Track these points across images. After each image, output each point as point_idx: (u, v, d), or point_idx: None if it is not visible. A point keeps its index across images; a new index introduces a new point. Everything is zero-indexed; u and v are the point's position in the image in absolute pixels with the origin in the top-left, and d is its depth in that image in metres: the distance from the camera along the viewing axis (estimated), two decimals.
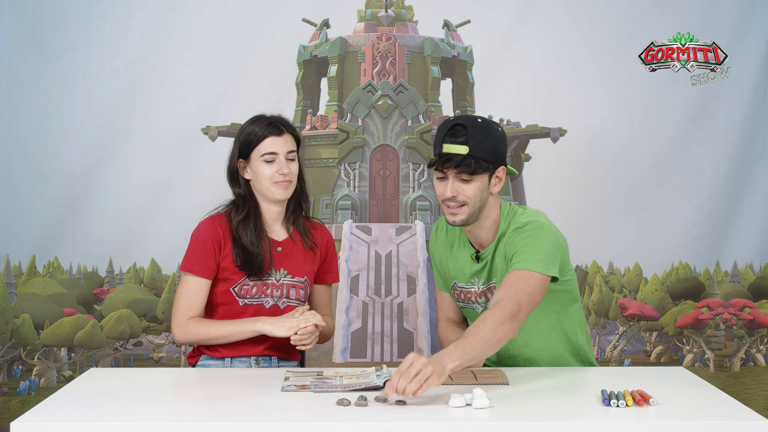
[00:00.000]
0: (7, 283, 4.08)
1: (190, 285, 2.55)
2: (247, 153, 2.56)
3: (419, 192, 4.41)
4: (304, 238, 2.64)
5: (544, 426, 1.93)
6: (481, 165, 2.36)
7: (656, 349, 4.35)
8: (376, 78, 4.46)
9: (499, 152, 2.41)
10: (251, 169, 2.57)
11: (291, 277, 2.59)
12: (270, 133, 2.54)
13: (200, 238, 2.56)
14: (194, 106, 4.15)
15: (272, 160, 2.53)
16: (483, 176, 2.39)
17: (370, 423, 1.92)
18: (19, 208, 4.08)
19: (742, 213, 4.29)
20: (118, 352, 4.18)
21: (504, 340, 2.23)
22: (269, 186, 2.54)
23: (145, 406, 2.05)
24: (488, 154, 2.38)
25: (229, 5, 4.15)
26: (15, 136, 4.07)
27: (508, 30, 4.27)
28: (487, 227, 2.48)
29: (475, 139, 2.36)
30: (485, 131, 2.39)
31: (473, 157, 2.35)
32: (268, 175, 2.53)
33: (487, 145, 2.37)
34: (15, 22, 4.06)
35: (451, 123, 2.40)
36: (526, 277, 2.32)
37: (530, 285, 2.31)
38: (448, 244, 2.60)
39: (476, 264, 2.51)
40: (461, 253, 2.56)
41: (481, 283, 2.51)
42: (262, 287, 2.57)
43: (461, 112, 4.49)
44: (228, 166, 2.62)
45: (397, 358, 4.20)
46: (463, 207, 2.40)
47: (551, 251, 2.38)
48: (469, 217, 2.41)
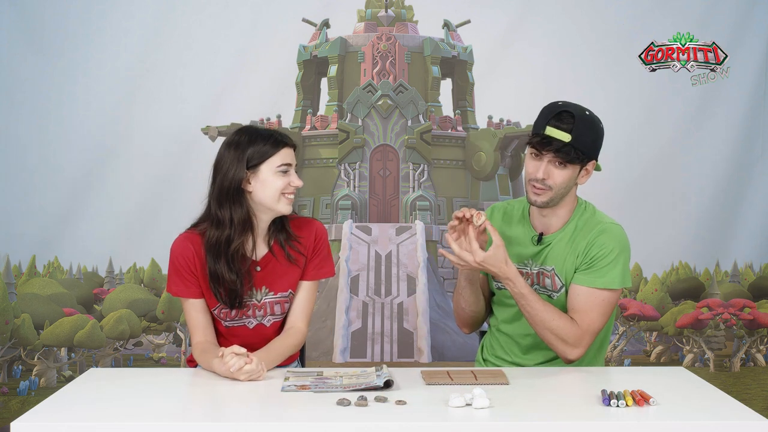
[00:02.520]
0: (7, 283, 4.08)
1: (187, 310, 2.48)
2: (257, 164, 2.40)
3: (419, 192, 4.41)
4: (286, 250, 2.49)
5: (544, 426, 1.93)
6: (578, 155, 2.42)
7: (656, 349, 4.35)
8: (376, 78, 4.46)
9: (596, 147, 2.49)
10: (257, 181, 2.40)
11: (273, 293, 2.49)
12: (284, 145, 2.43)
13: (174, 259, 2.45)
14: (194, 106, 4.15)
15: (287, 171, 2.42)
16: (575, 166, 2.44)
17: (370, 423, 1.92)
18: (19, 208, 4.08)
19: (742, 213, 4.29)
20: (118, 352, 4.18)
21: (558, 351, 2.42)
22: (278, 198, 2.40)
23: (144, 406, 2.05)
24: (587, 147, 2.44)
25: (229, 5, 4.15)
26: (15, 136, 4.08)
27: (508, 30, 4.27)
28: (560, 215, 2.52)
29: (580, 129, 2.41)
30: (590, 124, 2.46)
31: (574, 147, 2.40)
32: (280, 186, 2.39)
33: (588, 138, 2.44)
34: (15, 22, 4.06)
35: (560, 108, 2.45)
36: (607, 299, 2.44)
37: (611, 305, 2.45)
38: (506, 223, 2.61)
39: (535, 247, 2.52)
40: (520, 234, 2.57)
41: (535, 266, 2.52)
42: (243, 310, 2.47)
43: (461, 112, 4.49)
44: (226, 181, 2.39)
45: (397, 358, 4.20)
46: (549, 191, 2.44)
47: (627, 262, 2.49)
48: (550, 201, 2.45)
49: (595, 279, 2.43)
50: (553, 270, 2.50)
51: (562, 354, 2.42)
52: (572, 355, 2.41)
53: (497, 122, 4.45)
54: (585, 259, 2.46)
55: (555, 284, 2.50)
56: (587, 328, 2.41)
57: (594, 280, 2.43)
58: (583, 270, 2.45)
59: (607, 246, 2.45)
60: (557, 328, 2.39)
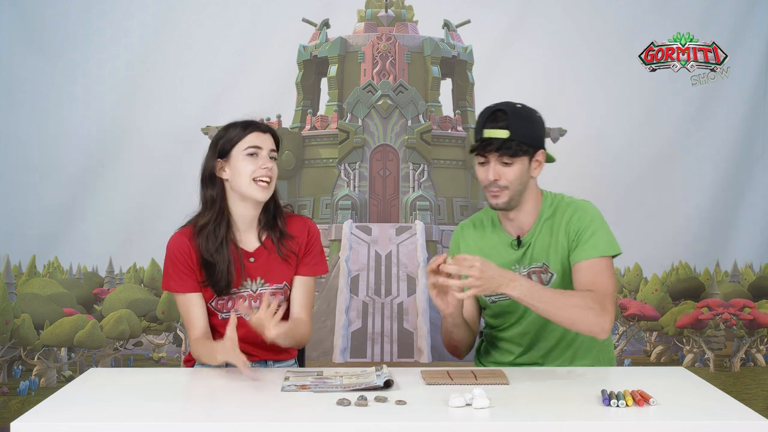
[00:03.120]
0: (7, 283, 4.08)
1: (182, 305, 2.51)
2: (228, 150, 2.48)
3: (419, 192, 4.41)
4: (279, 246, 2.53)
5: (544, 426, 1.93)
6: (522, 148, 2.43)
7: (656, 349, 4.35)
8: (376, 78, 4.46)
9: (538, 136, 2.49)
10: (230, 168, 2.47)
11: (269, 285, 2.52)
12: (253, 129, 2.49)
13: (171, 254, 2.50)
14: (194, 106, 4.15)
15: (255, 154, 2.46)
16: (523, 159, 2.45)
17: (370, 423, 1.92)
18: (19, 208, 4.08)
19: (742, 213, 4.29)
20: (118, 352, 4.18)
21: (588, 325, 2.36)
22: (249, 183, 2.44)
23: (144, 406, 2.05)
24: (528, 138, 2.44)
25: (229, 5, 4.15)
26: (15, 136, 4.08)
27: (508, 30, 4.27)
28: (528, 211, 2.52)
29: (515, 123, 2.43)
30: (525, 116, 2.47)
31: (514, 141, 2.41)
32: (250, 170, 2.44)
33: (526, 130, 2.45)
34: (15, 22, 4.06)
35: (492, 109, 2.47)
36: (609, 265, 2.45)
37: (612, 270, 2.46)
38: (479, 237, 2.60)
39: (516, 251, 2.52)
40: (496, 243, 2.56)
41: (523, 268, 2.52)
42: (238, 300, 2.50)
43: (461, 112, 4.49)
44: (203, 168, 2.52)
45: (397, 358, 4.20)
46: (505, 190, 2.45)
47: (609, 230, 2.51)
48: (511, 200, 2.46)
49: (588, 250, 2.44)
50: (544, 265, 2.50)
51: (595, 325, 2.35)
52: (605, 321, 2.35)
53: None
54: (570, 239, 2.48)
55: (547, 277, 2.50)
56: (605, 292, 2.39)
57: (587, 252, 2.44)
58: (574, 249, 2.46)
59: (583, 219, 2.48)
60: (579, 302, 2.34)
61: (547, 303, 2.32)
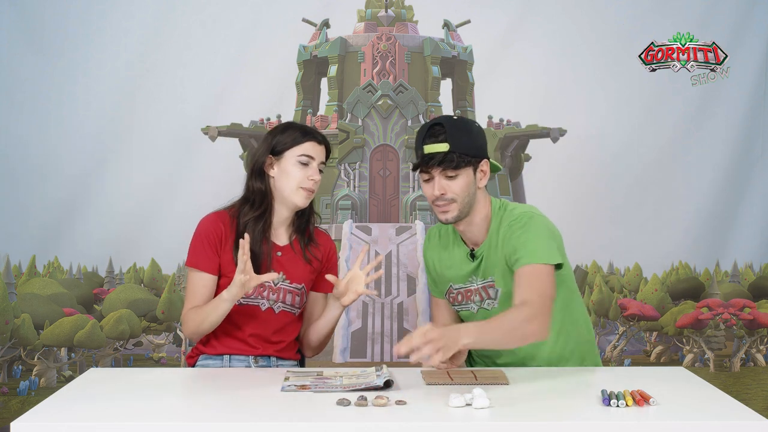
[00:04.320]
0: (7, 283, 4.08)
1: (193, 281, 2.54)
2: (281, 151, 2.53)
3: (419, 192, 4.41)
4: (305, 250, 2.61)
5: (544, 426, 1.93)
6: (464, 159, 2.41)
7: (656, 349, 4.35)
8: (376, 78, 4.46)
9: (479, 146, 2.47)
10: (279, 168, 2.53)
11: (289, 282, 2.58)
12: (312, 138, 2.55)
13: (203, 233, 2.54)
14: (194, 106, 4.15)
15: (307, 163, 2.52)
16: (467, 170, 2.44)
17: (370, 423, 1.92)
18: (19, 208, 4.08)
19: (742, 213, 4.29)
20: (118, 352, 4.19)
21: (531, 337, 2.30)
22: (295, 189, 2.52)
23: (144, 406, 2.05)
24: (469, 149, 2.42)
25: (229, 5, 4.15)
26: (15, 136, 4.08)
27: (508, 30, 4.27)
28: (478, 223, 2.51)
29: (454, 135, 2.41)
30: (463, 127, 2.45)
31: (455, 153, 2.40)
32: (299, 177, 2.51)
33: (466, 140, 2.43)
34: (15, 22, 4.06)
35: (429, 124, 2.46)
36: (537, 272, 2.36)
37: (542, 279, 2.35)
38: (442, 247, 2.61)
39: (471, 263, 2.52)
40: (456, 253, 2.57)
41: (479, 280, 2.52)
42: (259, 288, 2.54)
43: (461, 112, 4.49)
44: (254, 160, 2.57)
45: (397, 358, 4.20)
46: (453, 204, 2.44)
47: (549, 238, 2.43)
48: (460, 213, 2.45)
49: (524, 258, 2.38)
50: (492, 280, 2.50)
51: (531, 334, 2.29)
52: (542, 325, 2.29)
53: (497, 122, 4.45)
54: (509, 249, 2.44)
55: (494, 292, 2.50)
56: (539, 295, 2.32)
57: (523, 259, 2.38)
58: (512, 258, 2.42)
59: (513, 229, 2.43)
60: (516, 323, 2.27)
61: (494, 336, 2.26)
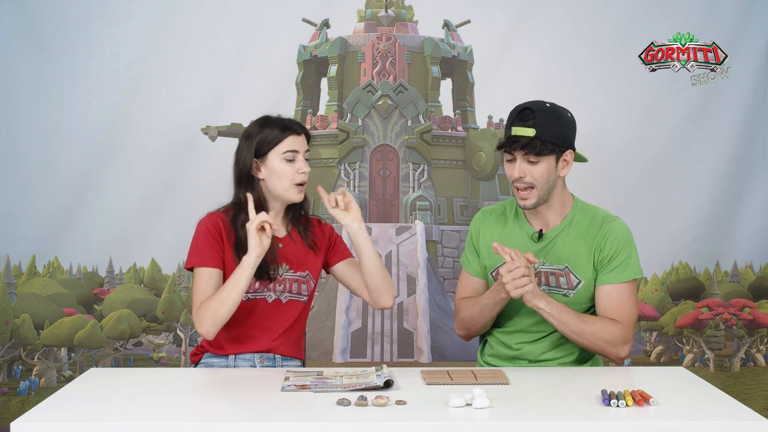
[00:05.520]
0: (7, 283, 4.08)
1: (201, 277, 2.51)
2: (265, 152, 2.53)
3: (419, 192, 4.41)
4: (304, 236, 2.64)
5: (544, 426, 1.93)
6: (547, 147, 2.44)
7: (656, 349, 4.35)
8: (376, 78, 4.46)
9: (565, 136, 2.50)
10: (267, 169, 2.54)
11: (293, 271, 2.59)
12: (291, 132, 2.56)
13: (204, 230, 2.54)
14: (194, 106, 4.15)
15: (293, 159, 2.54)
16: (549, 158, 2.46)
17: (370, 423, 1.92)
18: (19, 208, 4.08)
19: (742, 213, 4.29)
20: (118, 352, 4.18)
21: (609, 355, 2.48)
22: (288, 186, 2.53)
23: (145, 406, 2.05)
24: (555, 137, 2.46)
25: (229, 5, 4.15)
26: (15, 136, 4.08)
27: (508, 30, 4.27)
28: (555, 208, 2.55)
29: (542, 122, 2.44)
30: (553, 115, 2.48)
31: (539, 139, 2.42)
32: (289, 174, 2.53)
33: (554, 129, 2.46)
34: (15, 22, 4.06)
35: (521, 107, 2.49)
36: (634, 289, 2.54)
37: (636, 296, 2.55)
38: (500, 225, 2.62)
39: (536, 244, 2.53)
40: (516, 233, 2.58)
41: (540, 263, 2.53)
42: (264, 281, 2.55)
43: (461, 112, 4.49)
44: (238, 168, 2.55)
45: (397, 358, 4.20)
46: (532, 190, 2.47)
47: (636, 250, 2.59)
48: (539, 200, 2.49)
49: (620, 275, 2.50)
50: (566, 267, 2.50)
51: (613, 355, 2.48)
52: (623, 352, 2.47)
53: (497, 122, 4.45)
54: (601, 258, 2.51)
55: (570, 282, 2.51)
56: (627, 321, 2.48)
57: (618, 276, 2.50)
58: (605, 271, 2.50)
59: (619, 240, 2.52)
60: (602, 334, 2.45)
61: (570, 326, 2.44)
